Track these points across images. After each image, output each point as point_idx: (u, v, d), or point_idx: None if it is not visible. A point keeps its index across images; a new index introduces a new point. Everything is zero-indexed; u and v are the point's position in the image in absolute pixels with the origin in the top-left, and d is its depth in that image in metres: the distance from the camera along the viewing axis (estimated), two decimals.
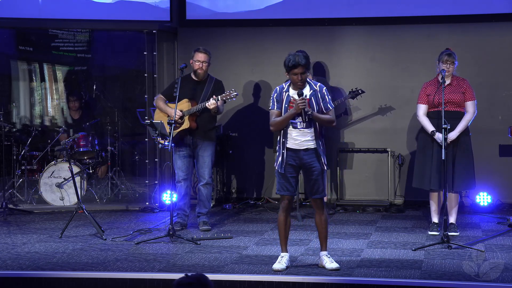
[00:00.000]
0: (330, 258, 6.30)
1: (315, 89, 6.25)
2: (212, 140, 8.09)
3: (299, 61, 6.09)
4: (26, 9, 9.99)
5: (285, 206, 6.33)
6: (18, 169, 9.89)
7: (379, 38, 9.90)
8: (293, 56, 6.13)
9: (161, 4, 10.13)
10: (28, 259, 6.75)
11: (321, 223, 6.33)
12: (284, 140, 6.21)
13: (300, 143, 6.20)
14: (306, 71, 6.16)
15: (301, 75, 6.13)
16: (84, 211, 7.80)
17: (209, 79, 8.07)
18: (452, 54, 7.61)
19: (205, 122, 7.99)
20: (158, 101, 8.13)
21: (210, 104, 7.74)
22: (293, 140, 6.20)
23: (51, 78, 11.79)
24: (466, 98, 7.64)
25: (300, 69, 6.11)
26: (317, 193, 6.28)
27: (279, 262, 6.30)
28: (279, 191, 6.33)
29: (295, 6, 9.97)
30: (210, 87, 7.99)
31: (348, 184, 9.79)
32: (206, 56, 8.01)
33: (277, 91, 6.31)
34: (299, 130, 6.19)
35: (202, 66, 7.98)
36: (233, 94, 7.76)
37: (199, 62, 7.98)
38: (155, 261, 6.65)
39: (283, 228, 6.34)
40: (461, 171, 7.61)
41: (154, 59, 9.84)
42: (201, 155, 8.02)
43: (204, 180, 8.04)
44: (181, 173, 8.01)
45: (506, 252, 6.81)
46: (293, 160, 6.22)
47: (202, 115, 7.95)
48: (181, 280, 3.81)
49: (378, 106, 9.76)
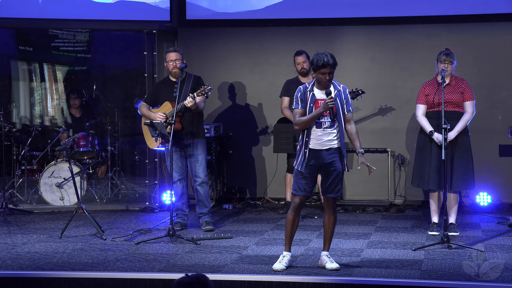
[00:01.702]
0: (330, 258, 6.31)
1: (339, 90, 6.26)
2: (202, 137, 8.09)
3: (328, 60, 6.10)
4: (26, 9, 9.99)
5: (296, 206, 6.31)
6: (18, 169, 9.89)
7: (379, 38, 9.90)
8: (322, 55, 6.13)
9: (161, 4, 10.14)
10: (28, 259, 6.75)
11: (329, 223, 6.34)
12: (307, 140, 6.20)
13: (323, 142, 6.19)
14: (333, 71, 6.17)
15: (329, 75, 6.14)
16: (84, 211, 7.80)
17: (187, 77, 8.08)
18: (450, 54, 7.60)
19: (189, 121, 7.99)
20: (142, 108, 8.17)
21: (188, 102, 7.75)
22: (316, 140, 6.20)
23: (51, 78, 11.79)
24: (465, 98, 7.64)
25: (328, 69, 6.12)
26: (332, 192, 6.27)
27: (279, 262, 6.30)
28: (295, 191, 6.29)
29: (295, 6, 9.97)
30: (189, 85, 8.01)
31: (348, 184, 9.78)
32: (177, 53, 8.10)
33: (301, 90, 6.28)
34: (323, 130, 6.19)
35: (176, 65, 8.03)
36: (207, 89, 7.78)
37: (172, 61, 8.05)
38: (155, 261, 6.65)
39: (290, 227, 6.32)
40: (460, 171, 7.61)
41: (154, 59, 9.84)
42: (192, 153, 8.02)
43: (199, 180, 8.03)
44: (175, 174, 7.99)
45: (506, 252, 6.81)
46: (314, 160, 6.21)
47: (185, 115, 7.95)
48: (181, 280, 3.81)
49: (378, 107, 9.77)
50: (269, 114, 10.01)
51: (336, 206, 6.37)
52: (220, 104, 10.20)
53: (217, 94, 10.13)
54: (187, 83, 8.01)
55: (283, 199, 9.37)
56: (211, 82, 8.72)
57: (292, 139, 8.50)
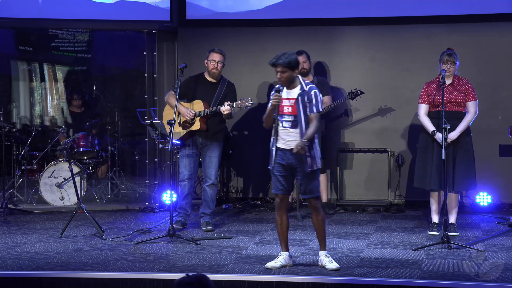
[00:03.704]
0: (329, 258, 6.31)
1: (304, 90, 6.28)
2: (220, 141, 8.14)
3: (276, 60, 6.20)
4: (26, 9, 9.98)
5: (277, 204, 6.41)
6: (18, 169, 9.89)
7: (379, 38, 9.90)
8: (279, 54, 6.22)
9: (161, 4, 10.13)
10: (28, 259, 6.75)
11: (317, 222, 6.36)
12: (274, 138, 6.29)
13: (286, 142, 6.26)
14: (286, 71, 6.20)
15: (280, 74, 6.23)
16: (84, 211, 7.80)
17: (222, 81, 8.11)
18: (452, 54, 7.60)
19: (215, 125, 8.03)
20: (170, 98, 8.05)
21: (225, 110, 7.79)
22: (282, 139, 6.28)
23: (51, 78, 11.79)
24: (468, 98, 7.63)
25: (278, 68, 6.21)
26: (305, 193, 6.34)
27: (273, 261, 6.36)
28: (273, 190, 6.43)
29: (295, 6, 9.97)
30: (223, 89, 8.04)
31: (348, 184, 9.78)
32: (221, 56, 8.08)
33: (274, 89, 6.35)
34: (284, 129, 6.26)
35: (217, 66, 8.03)
36: (248, 103, 7.81)
37: (214, 62, 8.03)
38: (155, 261, 6.65)
39: (279, 227, 6.42)
40: (462, 171, 7.60)
41: (154, 59, 9.84)
42: (208, 155, 8.03)
43: (210, 181, 8.05)
44: (186, 171, 8.01)
45: (506, 252, 6.81)
46: (281, 159, 6.30)
47: (213, 118, 7.99)
48: (182, 280, 3.81)
49: (378, 107, 9.75)
50: None
51: (319, 205, 6.36)
52: None
53: None
54: (221, 87, 8.04)
55: None
56: None
57: None
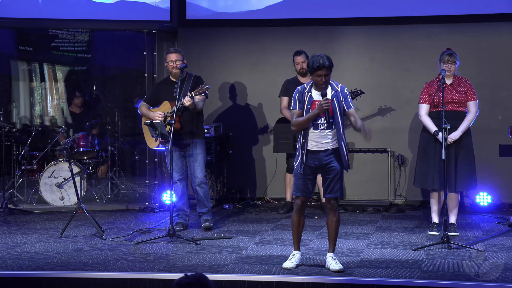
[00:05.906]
0: (335, 260, 6.29)
1: (336, 90, 6.24)
2: (201, 137, 8.10)
3: (323, 62, 6.09)
4: (26, 9, 9.99)
5: (299, 207, 6.33)
6: (18, 169, 9.89)
7: (379, 38, 9.90)
8: (317, 57, 6.11)
9: (161, 4, 10.13)
10: (28, 259, 6.75)
11: (332, 224, 6.32)
12: (305, 141, 6.20)
13: (320, 144, 6.19)
14: (329, 73, 6.15)
15: (325, 77, 6.13)
16: (84, 211, 7.80)
17: (188, 77, 8.09)
18: (453, 54, 7.60)
19: (188, 121, 7.99)
20: (142, 108, 8.18)
21: (185, 101, 7.77)
22: (314, 141, 6.19)
23: (51, 78, 11.79)
24: (468, 98, 7.63)
25: (324, 71, 6.11)
26: (331, 192, 6.25)
27: (289, 261, 6.33)
28: (295, 192, 6.32)
29: (295, 6, 9.97)
30: (189, 84, 8.01)
31: (348, 184, 9.77)
32: (178, 54, 8.10)
33: (299, 91, 6.27)
34: (319, 132, 6.17)
35: (176, 65, 8.04)
36: (205, 87, 7.80)
37: (172, 62, 8.06)
38: (155, 261, 6.65)
39: (296, 228, 6.37)
40: (464, 171, 7.60)
41: (154, 59, 9.84)
42: (191, 153, 8.02)
43: (197, 180, 8.03)
44: (175, 174, 8.00)
45: (506, 252, 6.81)
46: (312, 161, 6.21)
47: (184, 114, 7.95)
48: (181, 280, 3.80)
49: (378, 107, 9.76)
50: (269, 114, 10.01)
51: (338, 207, 6.36)
52: (220, 104, 10.20)
53: (217, 94, 10.13)
54: (187, 83, 8.01)
55: (283, 199, 9.37)
56: (211, 82, 8.73)
57: (292, 139, 8.49)
